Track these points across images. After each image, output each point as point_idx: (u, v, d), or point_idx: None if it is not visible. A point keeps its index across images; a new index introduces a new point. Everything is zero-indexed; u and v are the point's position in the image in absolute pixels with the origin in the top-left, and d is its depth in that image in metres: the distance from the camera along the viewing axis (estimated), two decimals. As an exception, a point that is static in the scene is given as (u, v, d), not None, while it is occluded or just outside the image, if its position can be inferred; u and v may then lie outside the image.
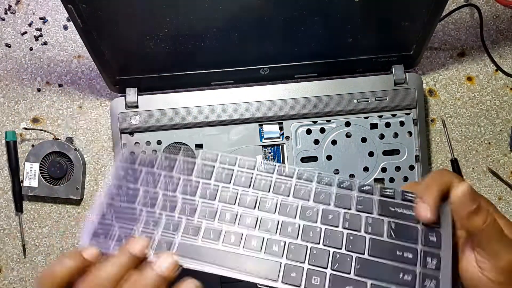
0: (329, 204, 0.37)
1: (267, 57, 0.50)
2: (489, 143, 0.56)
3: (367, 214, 0.36)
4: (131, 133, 0.52)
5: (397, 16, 0.47)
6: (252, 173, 0.38)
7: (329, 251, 0.35)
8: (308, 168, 0.52)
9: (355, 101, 0.52)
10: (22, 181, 0.55)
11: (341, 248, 0.35)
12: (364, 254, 0.35)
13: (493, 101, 0.56)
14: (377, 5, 0.45)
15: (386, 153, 0.52)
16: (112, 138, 0.52)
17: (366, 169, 0.52)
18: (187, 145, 0.52)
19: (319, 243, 0.35)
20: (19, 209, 0.55)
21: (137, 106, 0.52)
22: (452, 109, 0.56)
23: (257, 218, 0.36)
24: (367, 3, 0.44)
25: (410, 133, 0.52)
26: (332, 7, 0.45)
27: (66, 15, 0.56)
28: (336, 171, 0.52)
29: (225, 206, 0.37)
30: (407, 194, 0.36)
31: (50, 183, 0.54)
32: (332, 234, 0.35)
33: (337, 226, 0.36)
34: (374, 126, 0.52)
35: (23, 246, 0.56)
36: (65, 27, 0.57)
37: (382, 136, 0.52)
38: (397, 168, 0.52)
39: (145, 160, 0.40)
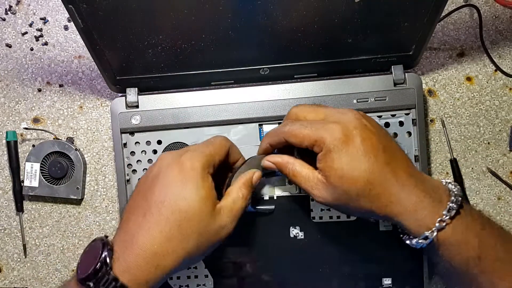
0: None
1: (267, 57, 0.50)
2: (489, 143, 0.56)
3: None
4: (132, 133, 0.52)
5: (397, 16, 0.47)
6: None
7: None
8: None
9: (355, 101, 0.52)
10: (22, 181, 0.55)
11: None
12: None
13: (493, 101, 0.56)
14: (377, 5, 0.45)
15: (386, 153, 0.53)
16: (113, 138, 0.52)
17: (365, 169, 0.52)
18: (187, 145, 0.52)
19: None
20: (19, 208, 0.56)
21: (137, 106, 0.52)
22: (452, 109, 0.56)
23: None
24: (367, 3, 0.45)
25: (409, 133, 0.52)
26: (332, 8, 0.45)
27: (67, 15, 0.57)
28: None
29: None
30: None
31: (50, 183, 0.55)
32: None
33: None
34: (373, 126, 0.53)
35: (24, 245, 0.56)
36: (66, 28, 0.57)
37: (381, 136, 0.52)
38: (397, 168, 0.52)
39: None
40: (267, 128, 0.52)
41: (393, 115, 0.52)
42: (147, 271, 0.37)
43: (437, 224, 0.39)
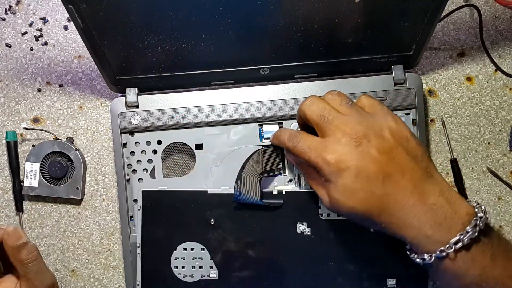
0: None
1: (267, 57, 0.50)
2: (489, 143, 0.56)
3: None
4: (132, 133, 0.52)
5: (397, 16, 0.47)
6: None
7: None
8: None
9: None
10: (22, 181, 0.55)
11: None
12: None
13: (493, 101, 0.56)
14: (377, 5, 0.45)
15: (386, 153, 0.52)
16: (113, 138, 0.52)
17: (366, 169, 0.52)
18: (187, 145, 0.52)
19: None
20: (19, 209, 0.56)
21: (137, 106, 0.52)
22: (452, 109, 0.56)
23: None
24: (367, 3, 0.45)
25: (409, 133, 0.52)
26: (332, 7, 0.45)
27: (67, 15, 0.57)
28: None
29: None
30: None
31: (50, 183, 0.55)
32: None
33: None
34: (373, 126, 0.52)
35: (24, 245, 0.56)
36: (66, 27, 0.57)
37: (381, 136, 0.52)
38: (397, 168, 0.52)
39: None
40: (267, 128, 0.52)
41: (393, 115, 0.52)
42: None
43: (437, 252, 0.39)
